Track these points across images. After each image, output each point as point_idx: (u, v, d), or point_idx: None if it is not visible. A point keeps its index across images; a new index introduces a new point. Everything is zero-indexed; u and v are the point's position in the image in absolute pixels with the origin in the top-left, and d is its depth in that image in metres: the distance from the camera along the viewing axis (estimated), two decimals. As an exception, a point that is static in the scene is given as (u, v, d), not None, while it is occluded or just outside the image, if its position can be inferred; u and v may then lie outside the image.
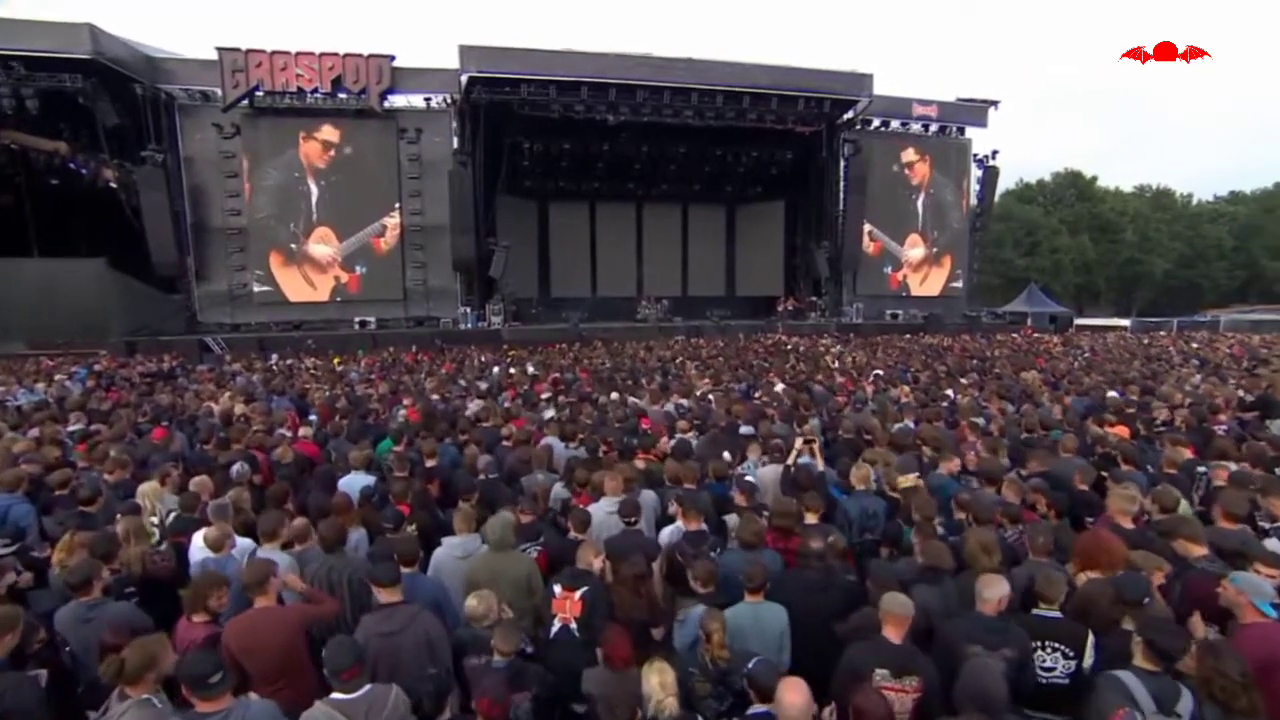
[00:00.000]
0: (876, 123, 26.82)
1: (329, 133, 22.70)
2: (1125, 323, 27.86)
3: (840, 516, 4.27)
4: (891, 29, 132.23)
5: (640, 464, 5.21)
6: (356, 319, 23.14)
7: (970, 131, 28.53)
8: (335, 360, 14.79)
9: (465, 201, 22.67)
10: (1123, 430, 6.18)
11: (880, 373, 11.12)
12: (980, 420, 7.07)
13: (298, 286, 23.10)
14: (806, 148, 26.55)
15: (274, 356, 16.50)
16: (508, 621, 2.82)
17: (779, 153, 27.20)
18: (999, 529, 3.96)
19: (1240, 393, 8.72)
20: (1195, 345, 17.28)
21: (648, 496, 4.38)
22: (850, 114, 25.61)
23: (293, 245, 22.80)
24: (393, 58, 22.21)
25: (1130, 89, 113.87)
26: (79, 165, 22.09)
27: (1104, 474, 4.92)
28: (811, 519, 3.99)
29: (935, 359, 13.98)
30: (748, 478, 4.58)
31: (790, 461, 5.01)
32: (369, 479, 5.04)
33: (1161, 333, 23.74)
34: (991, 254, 31.68)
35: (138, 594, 3.33)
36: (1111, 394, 9.00)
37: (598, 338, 21.97)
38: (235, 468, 4.73)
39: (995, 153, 28.61)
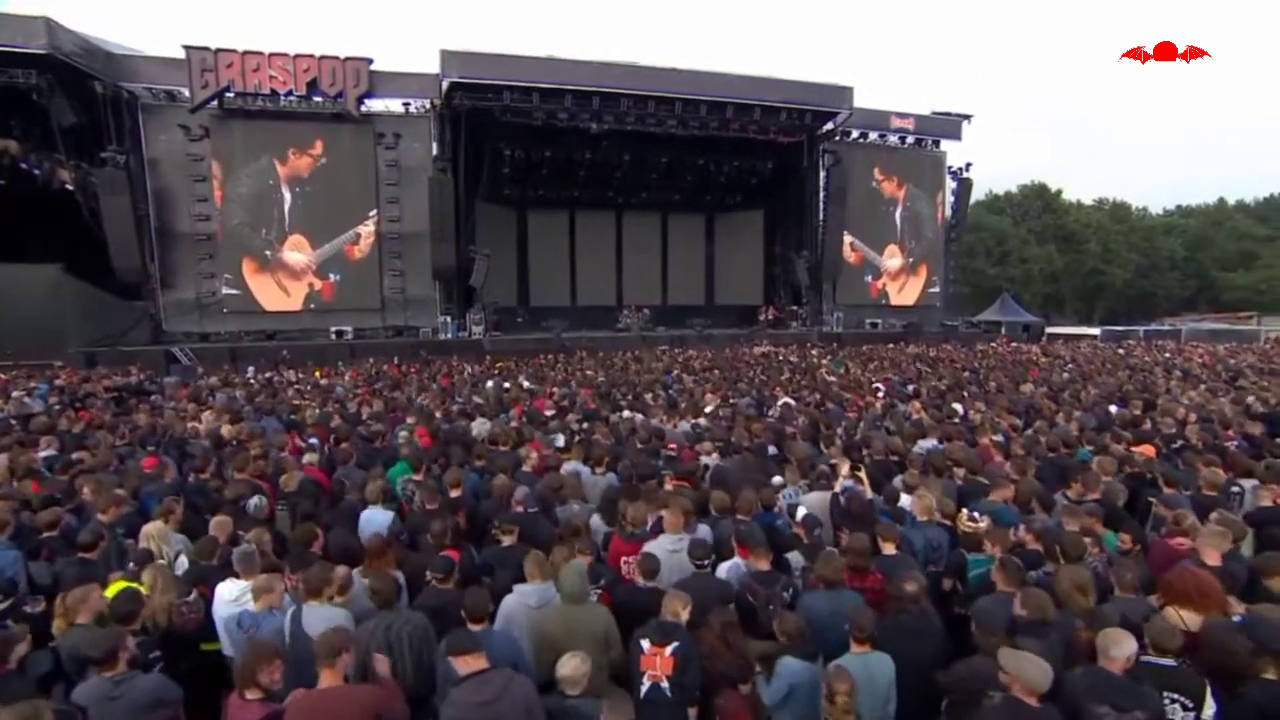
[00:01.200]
0: (855, 134, 27.20)
1: (307, 147, 21.96)
2: (1094, 331, 28.76)
3: (904, 548, 4.11)
4: (861, 44, 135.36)
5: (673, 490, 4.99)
6: (333, 328, 22.39)
7: (945, 144, 29.14)
8: (317, 373, 14.18)
9: (446, 209, 22.19)
10: (1148, 449, 6.19)
11: (881, 387, 11.11)
12: (999, 438, 7.05)
13: (271, 294, 22.26)
14: (787, 158, 26.74)
15: (250, 369, 15.77)
16: (620, 692, 2.56)
17: (759, 163, 27.37)
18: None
19: (1232, 406, 8.92)
20: (1168, 355, 17.85)
21: (703, 531, 4.15)
22: (830, 125, 25.93)
23: (267, 253, 21.97)
24: (371, 61, 21.64)
25: (1081, 106, 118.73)
26: (31, 165, 20.87)
27: (1147, 497, 4.88)
28: (890, 550, 3.82)
29: (928, 370, 14.10)
30: (800, 508, 4.38)
31: (839, 488, 4.85)
32: (387, 514, 4.71)
33: (1130, 341, 24.52)
34: (964, 263, 32.42)
35: (162, 655, 2.97)
36: (1111, 408, 9.14)
37: (581, 348, 21.65)
38: (252, 503, 4.33)
39: (969, 165, 29.36)
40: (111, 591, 3.13)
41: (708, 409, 8.56)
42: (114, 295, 21.90)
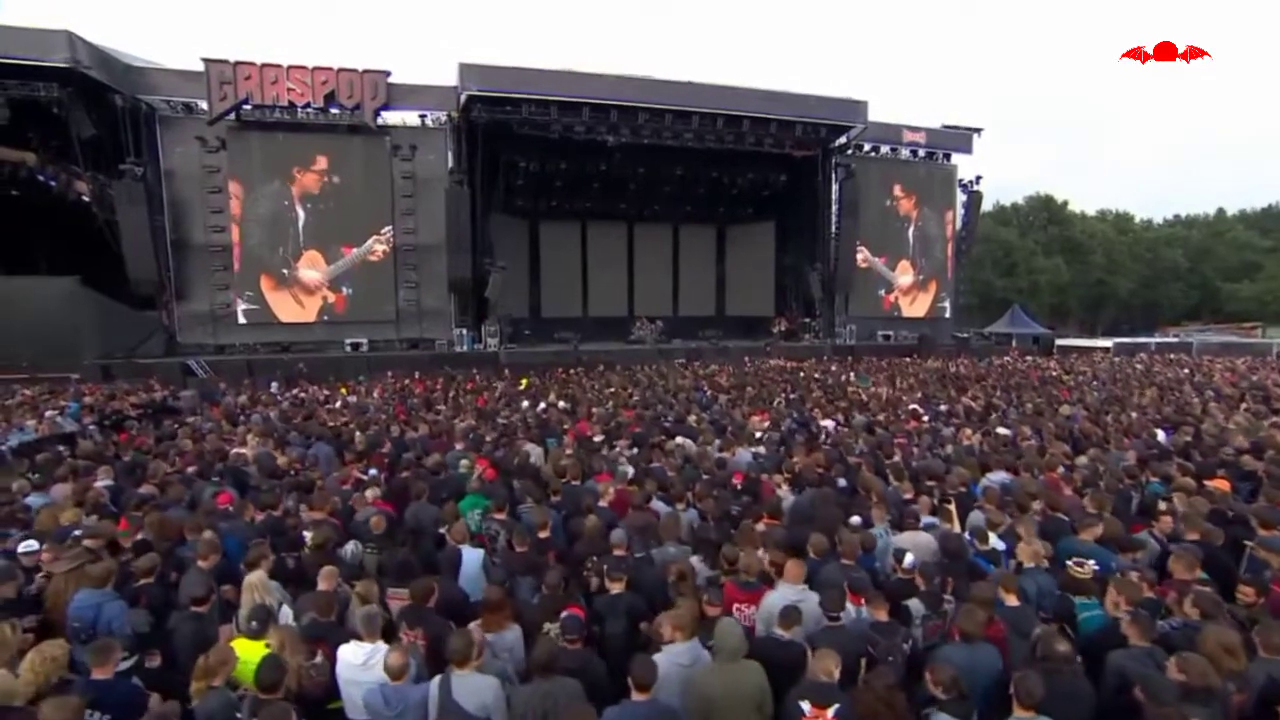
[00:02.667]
0: (868, 147, 27.30)
1: (320, 163, 21.94)
2: (1106, 344, 28.82)
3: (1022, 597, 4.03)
4: (862, 56, 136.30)
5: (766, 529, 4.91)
6: (347, 341, 22.29)
7: (955, 158, 29.26)
8: (343, 390, 14.06)
9: (462, 221, 22.17)
10: (1222, 484, 6.14)
11: (918, 408, 11.06)
12: (1061, 469, 6.99)
13: (288, 307, 22.19)
14: (800, 170, 26.82)
15: (274, 385, 15.65)
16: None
17: (772, 175, 27.43)
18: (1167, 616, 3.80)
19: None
20: (1187, 370, 17.86)
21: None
22: (844, 139, 26.05)
23: (284, 270, 21.92)
24: (389, 73, 21.62)
25: (1078, 116, 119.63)
26: (47, 177, 20.84)
27: (1242, 539, 4.81)
28: (1012, 601, 3.76)
29: (955, 387, 14.06)
30: (908, 553, 4.30)
31: (952, 527, 4.79)
32: (476, 553, 4.62)
33: (1143, 354, 24.57)
34: (972, 275, 32.49)
35: (294, 725, 2.88)
36: (1159, 433, 9.10)
37: (599, 361, 21.60)
38: (349, 549, 4.23)
39: (979, 178, 29.45)
40: (245, 653, 3.05)
41: (757, 433, 8.49)
42: (128, 307, 21.85)
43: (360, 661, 3.08)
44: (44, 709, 2.50)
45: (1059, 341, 30.29)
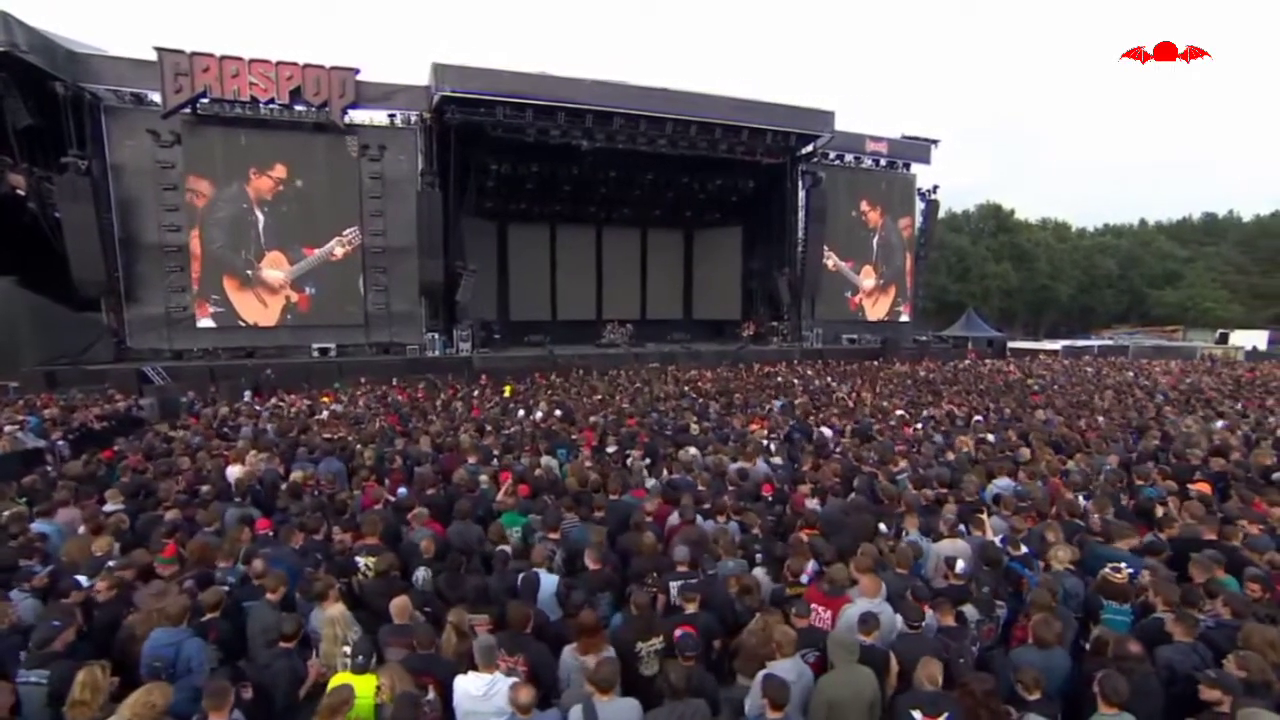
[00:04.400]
0: (833, 155, 28.11)
1: (286, 158, 21.15)
2: (1052, 345, 30.59)
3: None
4: (828, 70, 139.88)
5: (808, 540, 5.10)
6: (314, 345, 21.53)
7: (914, 167, 30.46)
8: (325, 399, 13.60)
9: (434, 223, 21.75)
10: (1204, 487, 6.69)
11: (904, 414, 11.53)
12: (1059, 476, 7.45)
13: (253, 308, 21.30)
14: (767, 177, 27.36)
15: (247, 393, 15.00)
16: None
17: (740, 181, 27.89)
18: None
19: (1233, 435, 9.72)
20: (1133, 374, 19.16)
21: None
22: (811, 147, 26.76)
23: (248, 271, 21.02)
24: (357, 71, 20.99)
25: (1018, 126, 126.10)
26: (-23, 170, 19.33)
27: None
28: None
29: (930, 392, 14.69)
30: (959, 560, 4.55)
31: (988, 537, 5.07)
32: (551, 576, 4.57)
33: (1087, 357, 26.18)
34: (928, 279, 33.94)
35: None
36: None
37: (576, 366, 21.56)
38: (419, 576, 4.15)
39: (936, 187, 30.80)
40: (362, 689, 3.00)
41: (769, 445, 8.70)
42: (69, 309, 20.49)
43: (481, 693, 3.08)
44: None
45: (1010, 344, 31.93)
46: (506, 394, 14.96)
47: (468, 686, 3.14)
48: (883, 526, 5.58)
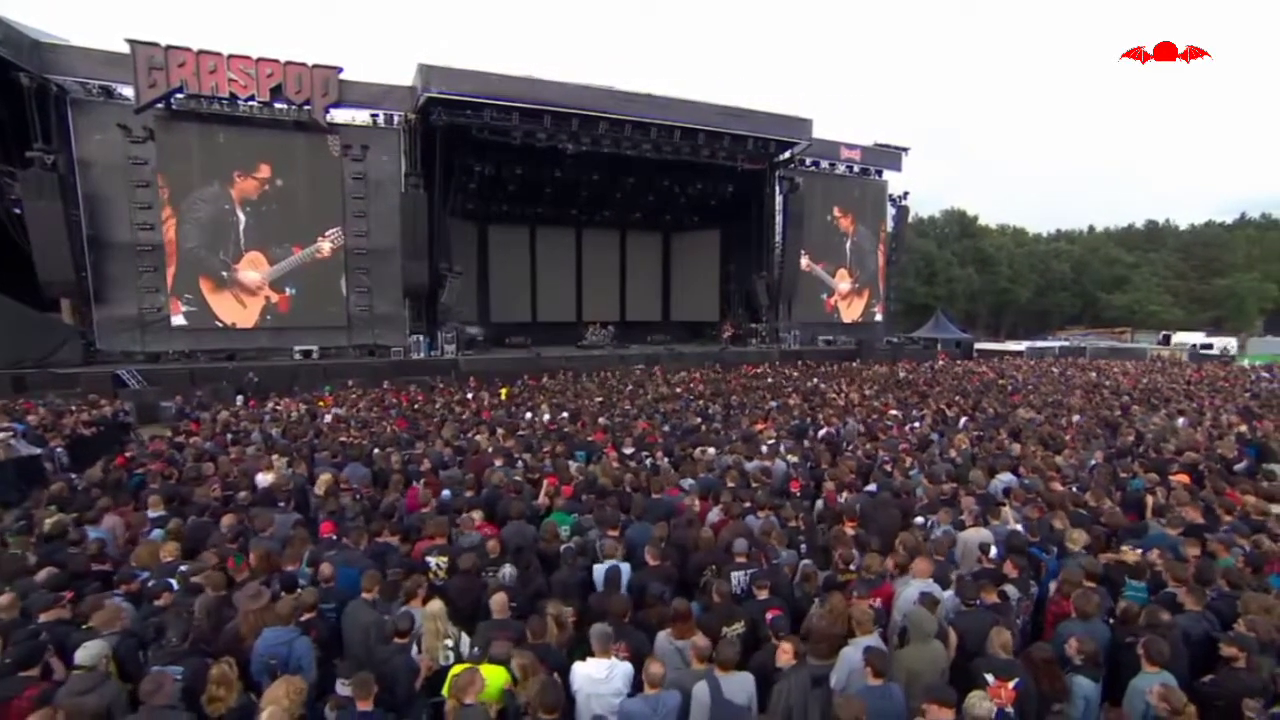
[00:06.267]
0: (809, 162, 28.90)
1: (267, 157, 20.74)
2: (1016, 346, 32.04)
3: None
4: (804, 78, 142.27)
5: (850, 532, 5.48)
6: (297, 348, 21.14)
7: (886, 173, 31.50)
8: (321, 403, 13.46)
9: (419, 225, 21.62)
10: (1184, 479, 7.32)
11: (898, 414, 12.08)
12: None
13: (230, 308, 20.79)
14: (745, 182, 27.94)
15: (238, 398, 14.70)
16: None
17: (720, 186, 28.38)
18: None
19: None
20: (1094, 374, 20.30)
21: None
22: (789, 154, 27.45)
23: (224, 273, 20.51)
24: (340, 69, 20.71)
25: (975, 136, 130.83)
26: (-65, 164, 18.44)
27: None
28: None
29: (914, 393, 15.36)
30: (991, 546, 4.99)
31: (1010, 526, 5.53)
32: (623, 566, 4.82)
33: (1049, 357, 27.53)
34: (898, 283, 35.19)
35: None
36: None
37: (563, 368, 21.69)
38: (506, 571, 4.33)
39: (906, 194, 31.92)
40: (493, 678, 3.21)
41: (781, 445, 9.08)
42: (32, 310, 19.65)
43: (602, 676, 3.33)
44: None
45: (977, 345, 33.28)
46: (504, 396, 15.04)
47: (589, 671, 3.39)
48: (919, 519, 6.02)
